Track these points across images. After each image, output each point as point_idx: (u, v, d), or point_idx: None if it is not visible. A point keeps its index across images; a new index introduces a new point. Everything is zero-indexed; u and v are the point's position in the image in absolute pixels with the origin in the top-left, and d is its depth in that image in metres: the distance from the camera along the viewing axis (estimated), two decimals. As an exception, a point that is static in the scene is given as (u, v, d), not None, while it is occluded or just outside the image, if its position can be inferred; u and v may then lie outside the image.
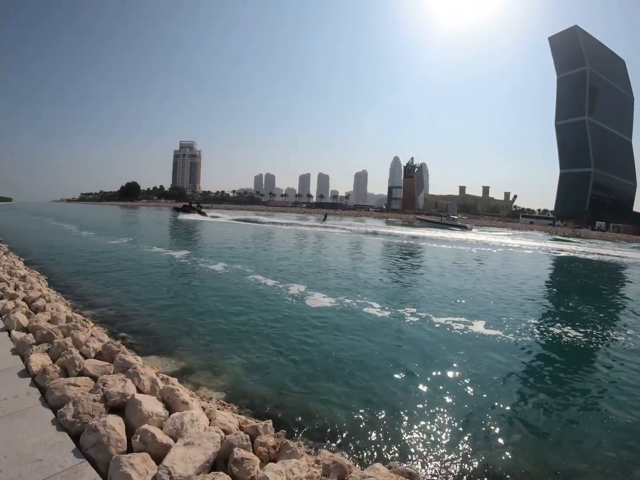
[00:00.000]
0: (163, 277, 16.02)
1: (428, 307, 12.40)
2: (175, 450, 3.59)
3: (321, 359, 8.01)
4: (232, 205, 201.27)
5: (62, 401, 4.46)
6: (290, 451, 4.06)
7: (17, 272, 12.15)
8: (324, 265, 20.83)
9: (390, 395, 6.63)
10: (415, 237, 49.38)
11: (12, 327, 6.93)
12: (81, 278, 15.16)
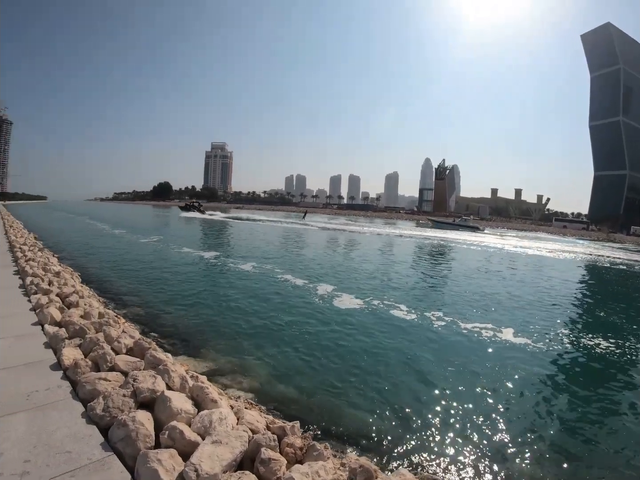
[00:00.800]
0: (192, 277, 16.67)
1: (455, 311, 12.55)
2: (203, 448, 3.66)
3: (348, 362, 8.16)
4: (263, 206, 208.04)
5: (92, 395, 4.64)
6: (317, 453, 4.08)
7: (51, 268, 12.81)
8: (345, 265, 21.48)
9: (417, 401, 6.70)
10: (428, 237, 51.58)
11: (45, 321, 7.29)
12: (113, 275, 16.11)
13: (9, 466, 3.37)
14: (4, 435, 3.78)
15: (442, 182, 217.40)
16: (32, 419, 4.12)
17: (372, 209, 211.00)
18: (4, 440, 3.70)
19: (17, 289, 9.88)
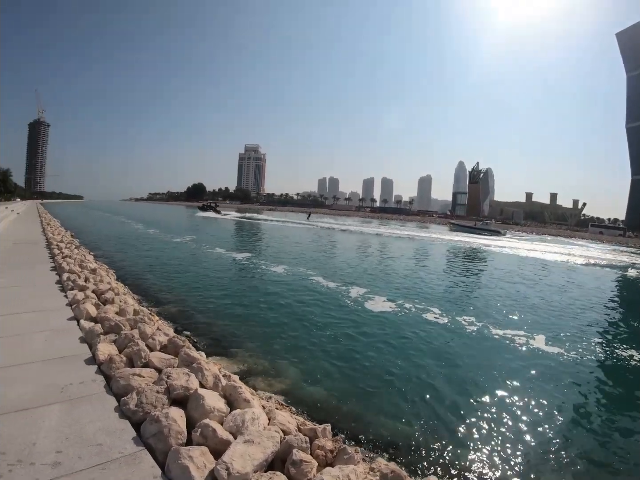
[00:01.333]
0: (225, 277, 17.31)
1: (486, 316, 12.77)
2: (235, 447, 3.70)
3: (380, 366, 8.24)
4: (296, 208, 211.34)
5: (126, 390, 4.76)
6: (348, 457, 4.09)
7: (87, 265, 13.32)
8: (375, 267, 22.09)
9: (446, 408, 6.72)
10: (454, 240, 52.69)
11: (81, 316, 7.56)
12: (147, 274, 16.89)
13: (41, 456, 3.46)
14: (38, 426, 3.90)
15: (475, 186, 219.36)
16: (66, 411, 4.23)
17: (404, 213, 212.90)
18: (38, 431, 3.82)
19: (54, 285, 10.28)
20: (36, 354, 5.74)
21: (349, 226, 72.77)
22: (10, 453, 3.48)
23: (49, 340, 6.30)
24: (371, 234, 56.52)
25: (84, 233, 32.89)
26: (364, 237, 50.37)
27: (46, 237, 21.62)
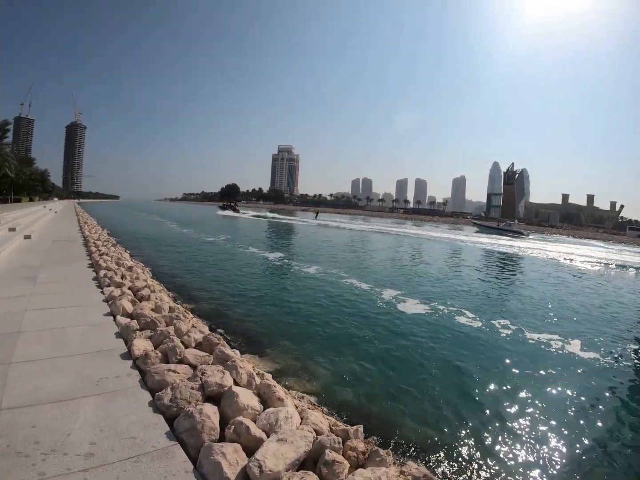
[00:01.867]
0: (258, 277, 17.91)
1: (520, 320, 12.74)
2: (268, 445, 3.75)
3: (412, 369, 8.31)
4: (329, 209, 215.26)
5: (160, 385, 4.89)
6: (380, 459, 4.12)
7: (124, 263, 13.85)
8: (402, 268, 22.56)
9: (479, 415, 6.69)
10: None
11: (117, 312, 7.82)
12: (182, 272, 17.60)
13: (75, 447, 3.57)
14: (73, 417, 4.03)
15: (510, 187, 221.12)
16: (101, 403, 4.36)
17: (438, 214, 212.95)
18: (73, 422, 3.95)
19: (91, 281, 10.70)
20: (73, 347, 5.97)
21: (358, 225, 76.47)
22: (44, 442, 3.60)
23: (86, 335, 6.53)
24: (390, 234, 57.77)
25: (120, 232, 34.28)
26: (381, 236, 51.93)
27: (83, 235, 22.60)
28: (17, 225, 20.38)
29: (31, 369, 5.13)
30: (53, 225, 30.12)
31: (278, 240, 41.03)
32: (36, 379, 4.86)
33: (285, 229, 56.31)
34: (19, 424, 3.85)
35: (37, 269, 11.83)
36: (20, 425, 3.83)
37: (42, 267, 12.18)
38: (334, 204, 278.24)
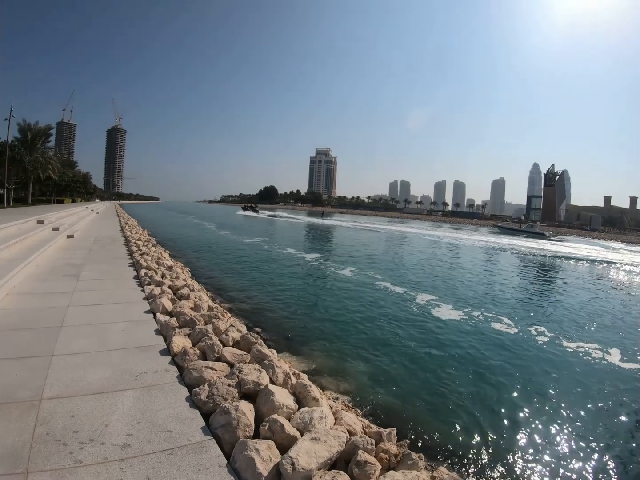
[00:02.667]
0: (295, 277, 18.31)
1: (557, 328, 12.49)
2: (301, 443, 3.83)
3: (449, 374, 8.30)
4: (367, 211, 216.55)
5: (198, 382, 5.06)
6: (412, 462, 4.16)
7: (164, 263, 14.34)
8: (438, 272, 22.66)
9: (515, 424, 6.57)
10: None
11: (157, 310, 8.13)
12: (220, 272, 18.21)
13: (112, 437, 3.74)
14: (112, 409, 4.21)
15: (551, 189, 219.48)
16: (139, 397, 4.55)
17: (477, 217, 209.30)
18: (111, 413, 4.13)
19: (132, 280, 11.12)
20: (114, 342, 6.25)
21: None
22: (83, 432, 3.78)
23: (127, 331, 6.83)
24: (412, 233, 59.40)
25: (160, 232, 35.98)
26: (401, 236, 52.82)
27: (124, 235, 23.51)
28: (60, 225, 21.47)
29: (72, 362, 5.39)
30: (95, 225, 31.49)
31: (317, 241, 42.31)
32: (77, 371, 5.11)
33: (320, 230, 58.25)
34: (59, 413, 4.06)
35: (79, 266, 12.42)
36: (60, 415, 4.04)
37: (84, 265, 12.77)
38: (372, 207, 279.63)
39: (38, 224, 20.16)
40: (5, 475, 3.15)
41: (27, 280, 10.11)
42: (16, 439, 3.60)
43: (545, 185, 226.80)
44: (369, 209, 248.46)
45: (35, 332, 6.48)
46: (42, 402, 4.28)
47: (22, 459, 3.34)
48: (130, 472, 3.30)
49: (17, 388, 4.53)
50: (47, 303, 8.21)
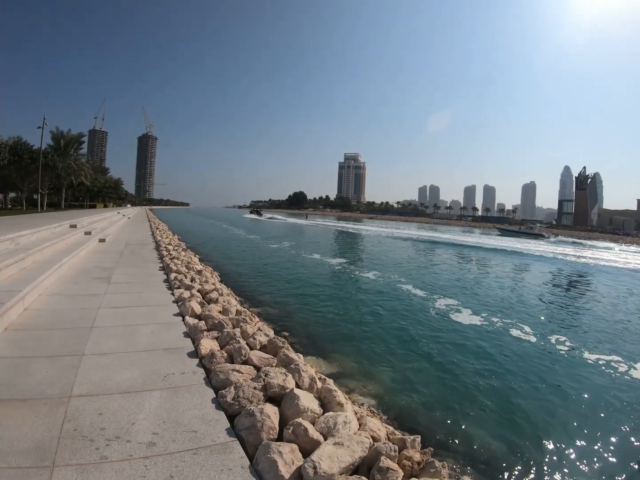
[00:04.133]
0: (323, 282, 18.71)
1: (578, 337, 12.28)
2: (324, 447, 3.88)
3: (476, 381, 8.31)
4: (396, 217, 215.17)
5: (224, 384, 5.16)
6: (435, 470, 4.19)
7: (193, 267, 14.60)
8: (464, 279, 22.73)
9: (543, 435, 6.46)
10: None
11: (186, 313, 8.29)
12: (249, 276, 18.83)
13: (138, 435, 3.85)
14: (139, 408, 4.33)
15: (582, 193, 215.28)
16: (166, 397, 4.66)
17: (507, 222, 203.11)
18: (138, 412, 4.24)
19: (162, 283, 11.38)
20: (143, 344, 6.41)
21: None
22: (109, 429, 3.91)
23: (156, 333, 6.99)
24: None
25: (190, 237, 37.23)
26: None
27: (155, 239, 24.07)
28: (92, 229, 22.15)
29: (102, 362, 5.56)
30: (126, 230, 32.31)
31: (342, 246, 43.40)
32: (106, 370, 5.27)
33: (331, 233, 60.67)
34: (86, 411, 4.20)
35: (110, 270, 12.77)
36: (87, 412, 4.18)
37: (115, 268, 13.13)
38: (401, 212, 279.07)
39: (71, 228, 20.80)
40: (32, 468, 3.27)
41: (60, 282, 10.46)
42: (44, 433, 3.74)
43: (576, 189, 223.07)
44: (397, 215, 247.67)
45: (67, 332, 6.70)
46: (71, 399, 4.43)
47: (49, 453, 3.47)
48: (154, 470, 3.39)
49: (47, 385, 4.71)
50: (78, 304, 8.48)
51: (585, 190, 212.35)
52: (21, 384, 4.72)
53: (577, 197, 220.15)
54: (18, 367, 5.20)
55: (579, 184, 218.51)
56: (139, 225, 41.35)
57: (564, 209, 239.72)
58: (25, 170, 53.27)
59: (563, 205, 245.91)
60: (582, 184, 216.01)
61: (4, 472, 3.20)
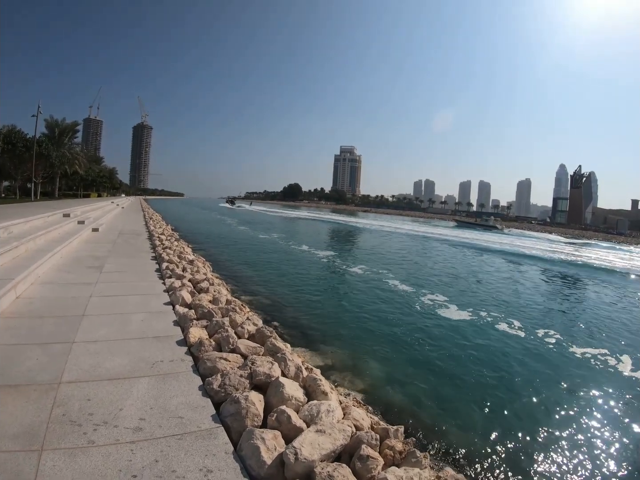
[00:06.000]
0: (313, 274, 18.94)
1: (565, 331, 12.45)
2: (306, 434, 3.95)
3: (463, 376, 8.35)
4: (391, 210, 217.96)
5: (211, 372, 5.22)
6: (416, 460, 4.18)
7: (185, 257, 14.63)
8: (456, 272, 23.19)
9: (528, 430, 6.50)
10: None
11: (176, 302, 8.32)
12: (241, 267, 18.92)
13: (125, 421, 3.92)
14: (127, 394, 4.40)
15: (577, 191, 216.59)
16: (154, 384, 4.73)
17: (501, 218, 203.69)
18: (126, 398, 4.31)
19: (154, 273, 11.40)
20: (133, 332, 6.47)
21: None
22: (97, 415, 3.97)
23: (146, 321, 7.05)
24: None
25: (183, 226, 37.62)
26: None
27: (148, 229, 24.03)
28: (85, 219, 22.05)
29: (92, 349, 5.61)
30: (120, 220, 32.18)
31: (333, 239, 44.18)
32: (96, 358, 5.33)
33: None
34: (75, 396, 4.26)
35: (103, 259, 12.77)
36: (76, 398, 4.24)
37: (108, 257, 13.13)
38: (396, 206, 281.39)
39: (64, 217, 20.74)
40: (21, 452, 3.33)
41: (52, 271, 10.46)
42: (33, 418, 3.80)
43: (571, 187, 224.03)
44: (392, 208, 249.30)
45: (58, 320, 6.74)
46: (61, 385, 4.49)
47: (38, 437, 3.53)
48: (140, 454, 3.45)
49: (38, 372, 4.76)
50: (70, 293, 8.50)
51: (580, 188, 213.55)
52: (12, 370, 4.77)
53: (571, 195, 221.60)
54: (9, 354, 5.24)
55: (574, 182, 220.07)
56: (132, 215, 41.23)
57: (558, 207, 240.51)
58: (19, 158, 52.65)
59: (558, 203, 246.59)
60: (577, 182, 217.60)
61: (-6, 456, 3.26)
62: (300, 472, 3.52)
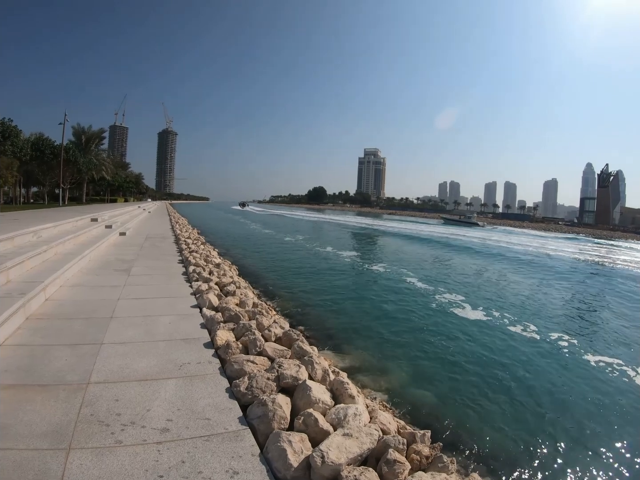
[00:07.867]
0: (338, 276, 19.01)
1: (581, 334, 12.32)
2: (333, 438, 3.93)
3: (494, 379, 8.26)
4: (417, 212, 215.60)
5: (238, 374, 5.26)
6: (443, 465, 4.18)
7: (212, 260, 14.83)
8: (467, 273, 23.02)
9: (552, 432, 6.44)
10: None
11: (204, 305, 8.43)
12: (266, 270, 19.13)
13: (153, 421, 3.97)
14: (154, 395, 4.46)
15: (605, 191, 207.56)
16: (181, 385, 4.78)
17: (528, 219, 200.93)
18: (154, 399, 4.37)
19: (181, 276, 11.55)
20: (161, 334, 6.58)
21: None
22: (125, 415, 4.03)
23: (173, 324, 7.14)
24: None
25: (209, 230, 38.16)
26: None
27: (174, 233, 24.40)
28: (113, 223, 22.54)
29: (120, 350, 5.72)
30: (146, 224, 32.81)
31: (358, 242, 43.46)
32: (124, 359, 5.42)
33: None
34: (104, 397, 4.34)
35: (130, 262, 13.01)
36: (105, 398, 4.31)
37: (135, 261, 13.38)
38: (421, 208, 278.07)
39: (92, 221, 21.17)
40: (48, 450, 3.40)
41: (80, 274, 10.71)
42: (62, 418, 3.88)
43: (599, 187, 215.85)
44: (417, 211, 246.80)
45: (87, 321, 6.89)
46: (89, 386, 4.57)
47: (66, 436, 3.60)
48: (167, 455, 3.48)
49: (67, 372, 4.87)
50: (98, 295, 8.70)
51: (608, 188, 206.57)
52: (41, 370, 4.89)
53: (599, 195, 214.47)
54: (39, 354, 5.38)
55: (601, 181, 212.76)
56: (159, 219, 41.95)
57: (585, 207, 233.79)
58: (47, 165, 54.60)
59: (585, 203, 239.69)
60: (605, 181, 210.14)
61: (22, 454, 3.33)
62: (326, 476, 3.52)
